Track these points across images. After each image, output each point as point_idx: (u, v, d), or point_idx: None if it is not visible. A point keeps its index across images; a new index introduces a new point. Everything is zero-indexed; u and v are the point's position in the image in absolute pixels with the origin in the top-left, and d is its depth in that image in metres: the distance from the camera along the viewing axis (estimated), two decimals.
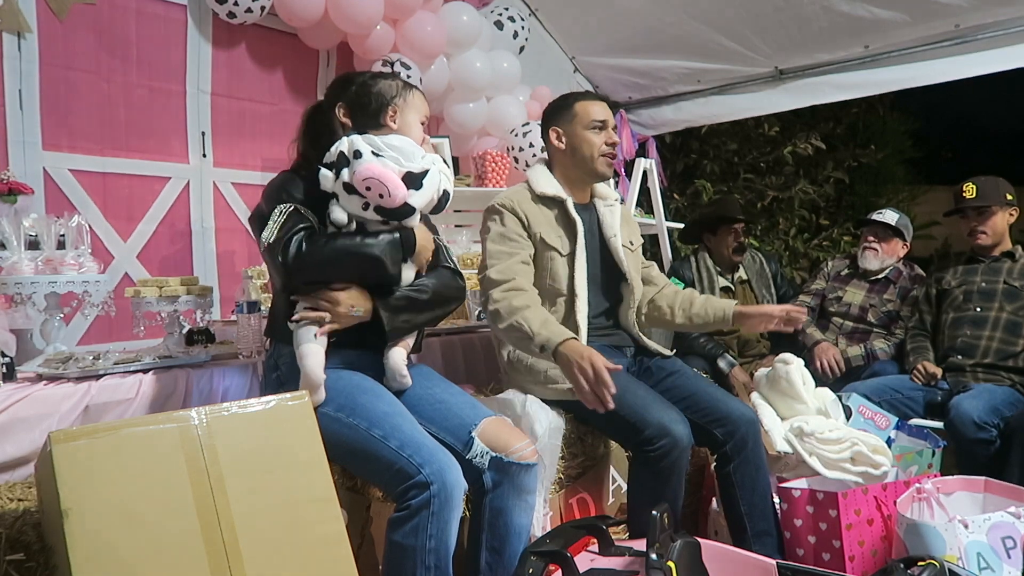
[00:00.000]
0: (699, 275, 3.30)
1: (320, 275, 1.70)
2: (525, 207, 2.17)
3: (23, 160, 2.58)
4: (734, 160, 6.30)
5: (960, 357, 2.81)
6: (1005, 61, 3.33)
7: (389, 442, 1.58)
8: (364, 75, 1.88)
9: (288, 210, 1.69)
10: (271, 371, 1.82)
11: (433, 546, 1.51)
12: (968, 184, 2.87)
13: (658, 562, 1.48)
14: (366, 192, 1.67)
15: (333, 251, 1.68)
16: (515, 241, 2.13)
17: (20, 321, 2.19)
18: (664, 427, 1.89)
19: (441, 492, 1.51)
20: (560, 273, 2.17)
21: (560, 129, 2.25)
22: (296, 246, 1.64)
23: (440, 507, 1.51)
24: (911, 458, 2.36)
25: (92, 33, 2.76)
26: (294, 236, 1.66)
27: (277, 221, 1.68)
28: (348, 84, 1.86)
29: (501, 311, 2.01)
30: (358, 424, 1.62)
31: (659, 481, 1.91)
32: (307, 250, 1.65)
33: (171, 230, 3.02)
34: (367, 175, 1.66)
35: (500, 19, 3.75)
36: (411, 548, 1.51)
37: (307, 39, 3.23)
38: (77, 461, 1.19)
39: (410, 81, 1.92)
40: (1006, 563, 1.76)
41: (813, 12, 3.54)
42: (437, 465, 1.53)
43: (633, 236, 2.39)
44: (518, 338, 1.99)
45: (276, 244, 1.65)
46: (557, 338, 1.88)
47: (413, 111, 1.85)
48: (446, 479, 1.52)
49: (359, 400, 1.65)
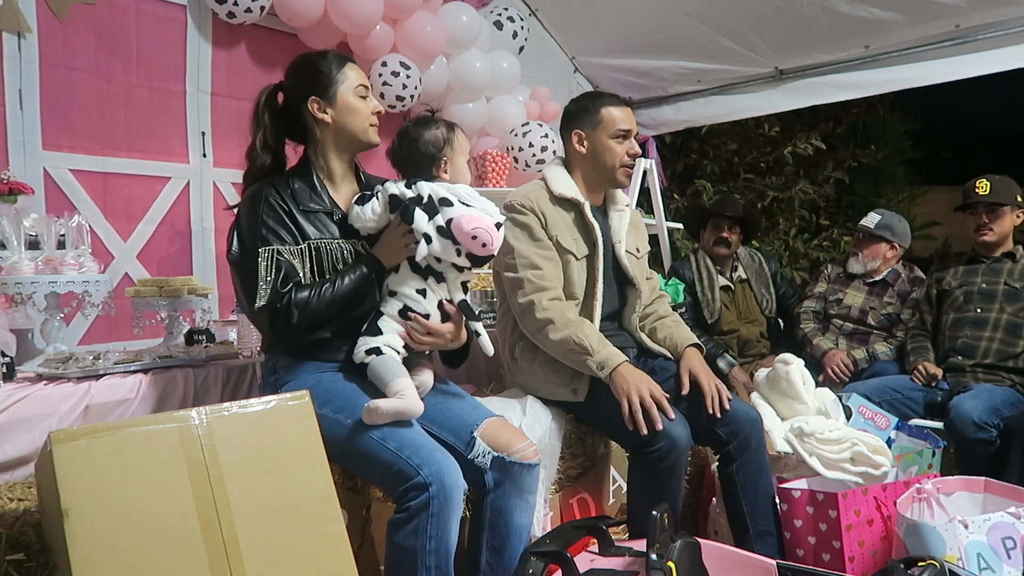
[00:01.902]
0: (699, 274, 3.30)
1: (320, 330, 1.73)
2: (543, 207, 2.17)
3: (23, 160, 2.58)
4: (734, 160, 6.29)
5: (960, 358, 2.81)
6: (1005, 61, 3.32)
7: (388, 443, 1.57)
8: (409, 130, 1.87)
9: (270, 260, 1.68)
10: (269, 374, 1.82)
11: (433, 547, 1.50)
12: (982, 180, 2.86)
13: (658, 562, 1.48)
14: (471, 241, 1.70)
15: (328, 305, 1.69)
16: (542, 242, 2.14)
17: (20, 321, 2.19)
18: (663, 429, 1.89)
19: (440, 493, 1.51)
20: (574, 276, 2.17)
21: (583, 132, 2.23)
22: (285, 313, 1.66)
23: (439, 508, 1.50)
24: (911, 458, 2.36)
25: (92, 33, 2.76)
26: (280, 303, 1.66)
27: (264, 279, 1.67)
28: (316, 80, 1.81)
29: (555, 321, 2.04)
30: (357, 425, 1.61)
31: (658, 482, 1.91)
32: (302, 317, 1.67)
33: (171, 230, 3.01)
34: (476, 225, 1.69)
35: (500, 19, 3.74)
36: (411, 550, 1.51)
37: (307, 39, 3.23)
38: (77, 461, 1.19)
39: (452, 122, 1.91)
40: (1006, 563, 1.76)
41: (813, 12, 3.54)
42: (436, 466, 1.53)
43: (640, 243, 2.39)
44: (570, 351, 2.02)
45: (270, 312, 1.67)
46: (616, 359, 1.98)
47: (461, 154, 1.87)
48: (445, 480, 1.52)
49: (358, 401, 1.65)
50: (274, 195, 1.75)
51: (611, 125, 2.20)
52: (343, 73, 1.82)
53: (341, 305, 1.71)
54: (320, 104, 1.81)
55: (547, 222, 2.15)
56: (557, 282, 2.13)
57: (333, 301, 1.70)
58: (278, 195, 1.75)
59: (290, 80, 1.86)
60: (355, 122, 1.82)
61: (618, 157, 2.20)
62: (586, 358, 2.00)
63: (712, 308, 3.24)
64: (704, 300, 3.25)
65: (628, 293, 2.29)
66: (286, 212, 1.74)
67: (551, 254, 2.14)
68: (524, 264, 2.10)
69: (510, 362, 2.26)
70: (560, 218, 2.18)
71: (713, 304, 3.24)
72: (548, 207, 2.18)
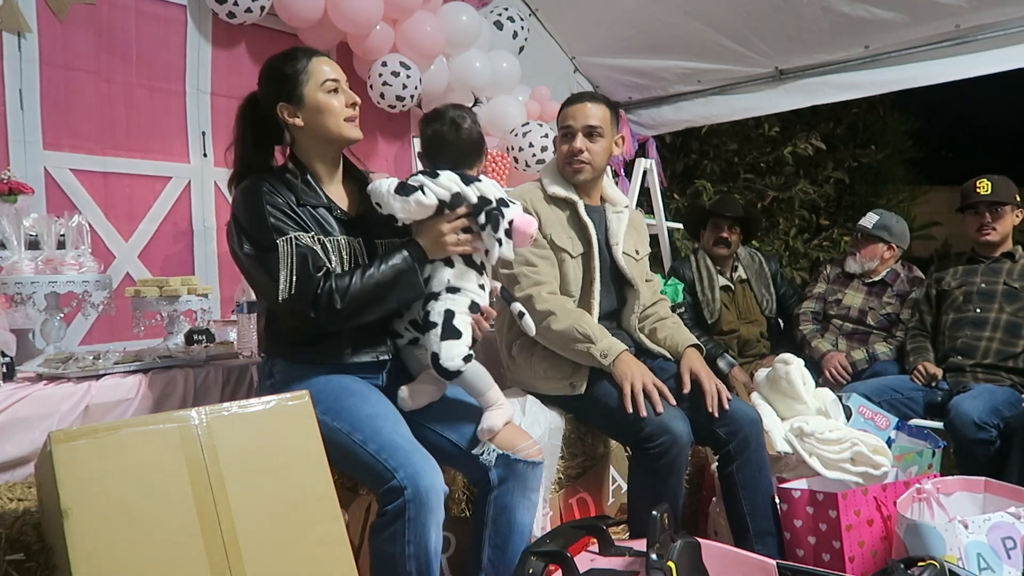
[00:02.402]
0: (699, 274, 3.30)
1: (363, 316, 1.68)
2: (537, 206, 2.19)
3: (24, 160, 2.58)
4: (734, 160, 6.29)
5: (960, 358, 2.81)
6: (1005, 61, 3.32)
7: (368, 446, 1.56)
8: (460, 118, 1.81)
9: (291, 250, 1.62)
10: (265, 378, 1.81)
11: (412, 552, 1.48)
12: (982, 180, 2.87)
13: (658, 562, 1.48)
14: (527, 240, 1.75)
15: (371, 290, 1.65)
16: (537, 240, 2.13)
17: (20, 321, 2.19)
18: (663, 424, 1.90)
19: (416, 497, 1.47)
20: (570, 274, 2.18)
21: (557, 133, 2.30)
22: (328, 299, 1.61)
23: (416, 512, 1.47)
24: (911, 458, 2.36)
25: (92, 33, 2.76)
26: (320, 288, 1.61)
27: (287, 266, 1.61)
28: (289, 79, 1.74)
29: (557, 312, 2.07)
30: (341, 427, 1.60)
31: (659, 479, 1.91)
32: (344, 301, 1.62)
33: (173, 230, 3.01)
34: (531, 226, 1.75)
35: (500, 19, 3.74)
36: (390, 555, 1.49)
37: (307, 39, 3.23)
38: (77, 461, 1.19)
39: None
40: (1006, 563, 1.76)
41: (813, 12, 3.54)
42: (411, 469, 1.50)
43: (640, 244, 2.40)
44: (573, 339, 2.04)
45: (302, 300, 1.61)
46: (618, 347, 2.04)
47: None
48: (419, 483, 1.48)
49: (345, 403, 1.64)
50: (269, 187, 1.69)
51: (559, 126, 2.27)
52: (307, 72, 1.72)
53: (383, 291, 1.66)
54: (289, 109, 1.73)
55: (542, 221, 2.16)
56: (553, 279, 2.15)
57: (377, 286, 1.64)
58: (272, 188, 1.69)
59: (260, 88, 1.79)
60: (327, 121, 1.73)
61: (561, 156, 2.25)
62: (589, 346, 2.02)
63: (712, 308, 3.24)
64: (704, 300, 3.25)
65: (627, 294, 2.30)
66: (285, 204, 1.68)
67: (546, 252, 2.16)
68: (519, 261, 2.11)
69: (508, 360, 2.27)
70: (555, 216, 2.19)
71: (713, 304, 3.24)
72: (543, 206, 2.19)
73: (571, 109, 2.24)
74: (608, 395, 2.01)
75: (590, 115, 2.20)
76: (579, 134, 2.19)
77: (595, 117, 2.20)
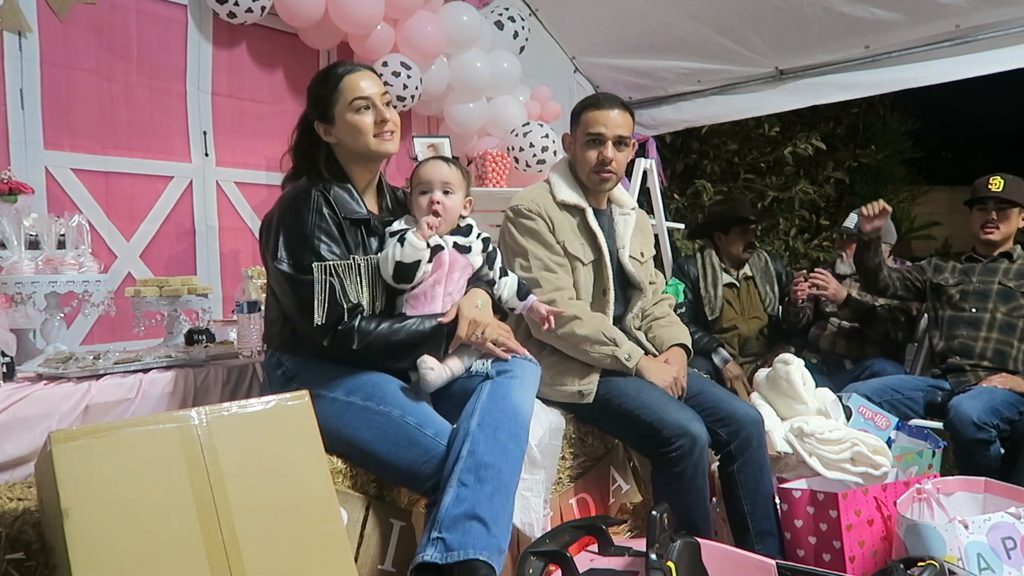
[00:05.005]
0: (703, 271, 3.30)
1: (372, 362, 1.72)
2: (550, 212, 2.17)
3: (25, 159, 2.58)
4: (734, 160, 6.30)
5: (959, 358, 2.81)
6: (1005, 61, 3.33)
7: (408, 419, 1.63)
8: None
9: (324, 277, 1.66)
10: (274, 369, 1.81)
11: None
12: (995, 177, 2.86)
13: (658, 562, 1.48)
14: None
15: (390, 346, 1.70)
16: (553, 247, 2.15)
17: (20, 321, 2.19)
18: (682, 426, 1.91)
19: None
20: (581, 282, 2.18)
21: (572, 136, 2.25)
22: (345, 336, 1.67)
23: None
24: (911, 458, 2.36)
25: (93, 33, 2.76)
26: (343, 323, 1.67)
27: (316, 293, 1.65)
28: (324, 100, 1.81)
29: (582, 316, 2.09)
30: (390, 412, 1.65)
31: (684, 483, 1.92)
32: (359, 344, 1.67)
33: (175, 229, 3.01)
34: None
35: (500, 19, 3.74)
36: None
37: (307, 39, 3.23)
38: (77, 461, 1.19)
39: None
40: (1006, 564, 1.76)
41: (813, 12, 3.54)
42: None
43: (645, 247, 2.39)
44: (598, 343, 2.07)
45: (320, 328, 1.66)
46: (638, 352, 2.12)
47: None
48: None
49: (387, 389, 1.69)
50: (321, 200, 1.73)
51: (584, 129, 2.19)
52: (338, 91, 1.78)
53: (402, 348, 1.71)
54: (324, 127, 1.81)
55: (555, 227, 2.15)
56: (570, 285, 2.16)
57: (396, 343, 1.70)
58: (324, 200, 1.74)
59: (306, 105, 1.87)
60: (356, 139, 1.79)
61: (589, 164, 2.18)
62: (614, 349, 2.06)
63: (714, 305, 3.25)
64: (707, 297, 3.26)
65: (632, 297, 2.30)
66: (335, 222, 1.73)
67: (562, 260, 2.15)
68: (538, 266, 2.12)
69: None
70: (567, 223, 2.18)
71: (715, 301, 3.25)
72: (555, 212, 2.17)
73: (600, 115, 2.16)
74: (621, 408, 2.02)
75: (621, 124, 2.17)
76: (610, 142, 2.15)
77: (625, 127, 2.18)
